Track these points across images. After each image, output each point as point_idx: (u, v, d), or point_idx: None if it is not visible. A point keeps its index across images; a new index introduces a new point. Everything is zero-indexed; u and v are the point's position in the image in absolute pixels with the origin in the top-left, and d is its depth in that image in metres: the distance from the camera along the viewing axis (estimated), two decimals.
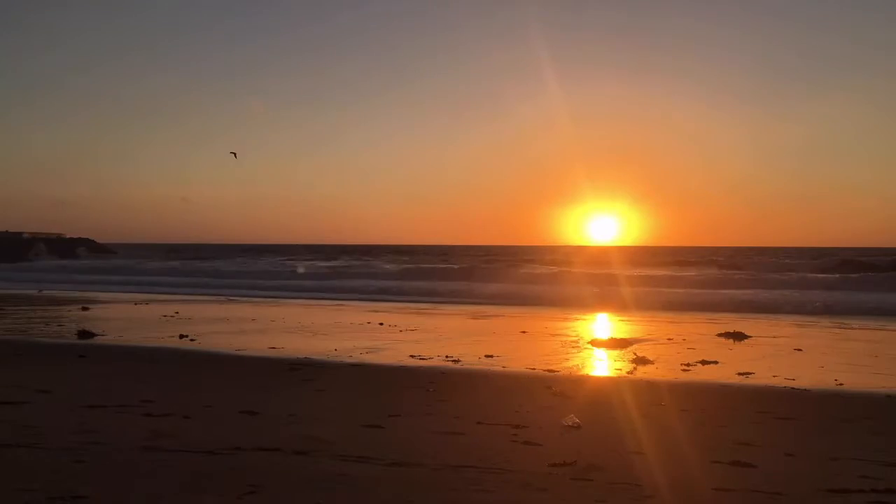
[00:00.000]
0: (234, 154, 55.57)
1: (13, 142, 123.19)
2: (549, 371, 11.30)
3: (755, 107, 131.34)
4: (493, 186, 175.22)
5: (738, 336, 15.72)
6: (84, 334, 15.05)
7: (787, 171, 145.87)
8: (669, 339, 15.37)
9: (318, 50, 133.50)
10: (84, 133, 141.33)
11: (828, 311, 23.11)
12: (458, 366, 11.74)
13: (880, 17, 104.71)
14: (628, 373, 11.30)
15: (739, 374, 11.17)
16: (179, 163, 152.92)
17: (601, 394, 9.60)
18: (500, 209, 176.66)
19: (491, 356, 12.71)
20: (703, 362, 12.18)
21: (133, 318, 19.81)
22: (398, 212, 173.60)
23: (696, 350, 13.68)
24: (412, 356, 12.64)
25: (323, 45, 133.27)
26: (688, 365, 11.94)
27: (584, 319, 21.21)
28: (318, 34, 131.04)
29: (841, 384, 10.34)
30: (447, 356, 12.62)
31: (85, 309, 22.20)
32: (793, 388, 10.01)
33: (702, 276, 38.74)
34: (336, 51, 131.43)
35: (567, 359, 12.79)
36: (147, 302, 25.74)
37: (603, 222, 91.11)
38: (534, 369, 11.46)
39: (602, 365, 12.38)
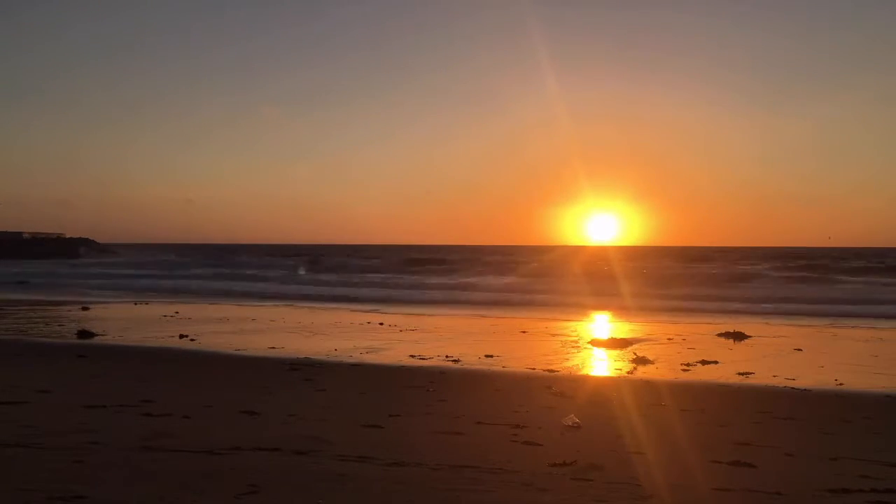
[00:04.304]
0: None
1: (12, 141, 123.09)
2: (549, 371, 11.30)
3: (758, 105, 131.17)
4: (492, 186, 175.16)
5: (738, 336, 15.72)
6: (84, 334, 15.06)
7: (790, 170, 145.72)
8: (669, 339, 15.37)
9: (315, 47, 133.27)
10: (84, 133, 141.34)
11: (827, 310, 23.09)
12: (458, 366, 11.74)
13: (888, 14, 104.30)
14: (628, 373, 11.30)
15: (739, 374, 11.17)
16: (178, 162, 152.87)
17: (601, 394, 9.59)
18: (498, 209, 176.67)
19: (491, 356, 12.71)
20: (703, 362, 12.18)
21: (133, 318, 19.81)
22: (395, 211, 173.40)
23: (696, 350, 13.68)
24: (412, 356, 12.65)
25: (320, 42, 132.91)
26: (688, 365, 11.94)
27: (583, 319, 21.20)
28: (315, 31, 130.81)
29: (841, 384, 10.34)
30: (447, 356, 12.62)
31: (85, 309, 22.23)
32: (793, 388, 10.01)
33: (703, 276, 38.77)
34: (332, 48, 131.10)
35: (567, 359, 12.79)
36: (147, 301, 25.73)
37: (603, 222, 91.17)
38: (534, 369, 11.46)
39: (602, 365, 12.38)
